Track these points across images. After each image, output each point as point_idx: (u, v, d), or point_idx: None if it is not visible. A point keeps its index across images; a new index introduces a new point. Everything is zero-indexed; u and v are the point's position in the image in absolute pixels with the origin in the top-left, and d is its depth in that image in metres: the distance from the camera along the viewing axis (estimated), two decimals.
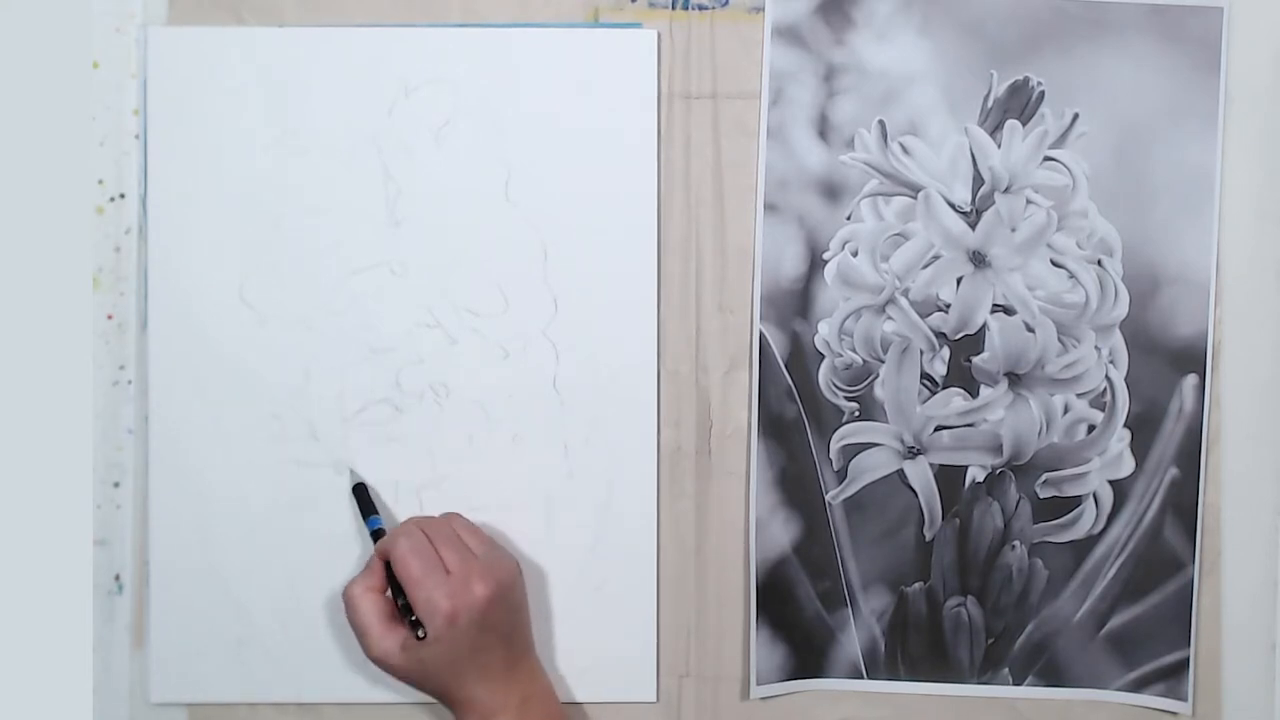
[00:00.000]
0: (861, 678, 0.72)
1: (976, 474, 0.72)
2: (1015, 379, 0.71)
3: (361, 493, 0.71)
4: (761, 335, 0.71)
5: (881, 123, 0.71)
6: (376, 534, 0.69)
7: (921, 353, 0.71)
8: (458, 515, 0.69)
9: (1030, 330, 0.71)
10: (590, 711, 0.72)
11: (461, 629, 0.63)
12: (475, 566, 0.64)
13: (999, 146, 0.71)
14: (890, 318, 0.71)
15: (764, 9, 0.71)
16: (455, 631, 0.63)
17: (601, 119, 0.71)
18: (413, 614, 0.64)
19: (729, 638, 0.72)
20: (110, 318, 0.72)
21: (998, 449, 0.71)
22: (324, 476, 0.71)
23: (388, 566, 0.66)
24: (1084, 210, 0.71)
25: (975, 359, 0.71)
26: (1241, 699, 0.72)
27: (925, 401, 0.71)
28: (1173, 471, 0.72)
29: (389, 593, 0.66)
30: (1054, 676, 0.72)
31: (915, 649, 0.72)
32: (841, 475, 0.71)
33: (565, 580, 0.71)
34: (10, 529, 0.57)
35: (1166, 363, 0.72)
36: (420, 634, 0.63)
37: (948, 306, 0.71)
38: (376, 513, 0.70)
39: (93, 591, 0.71)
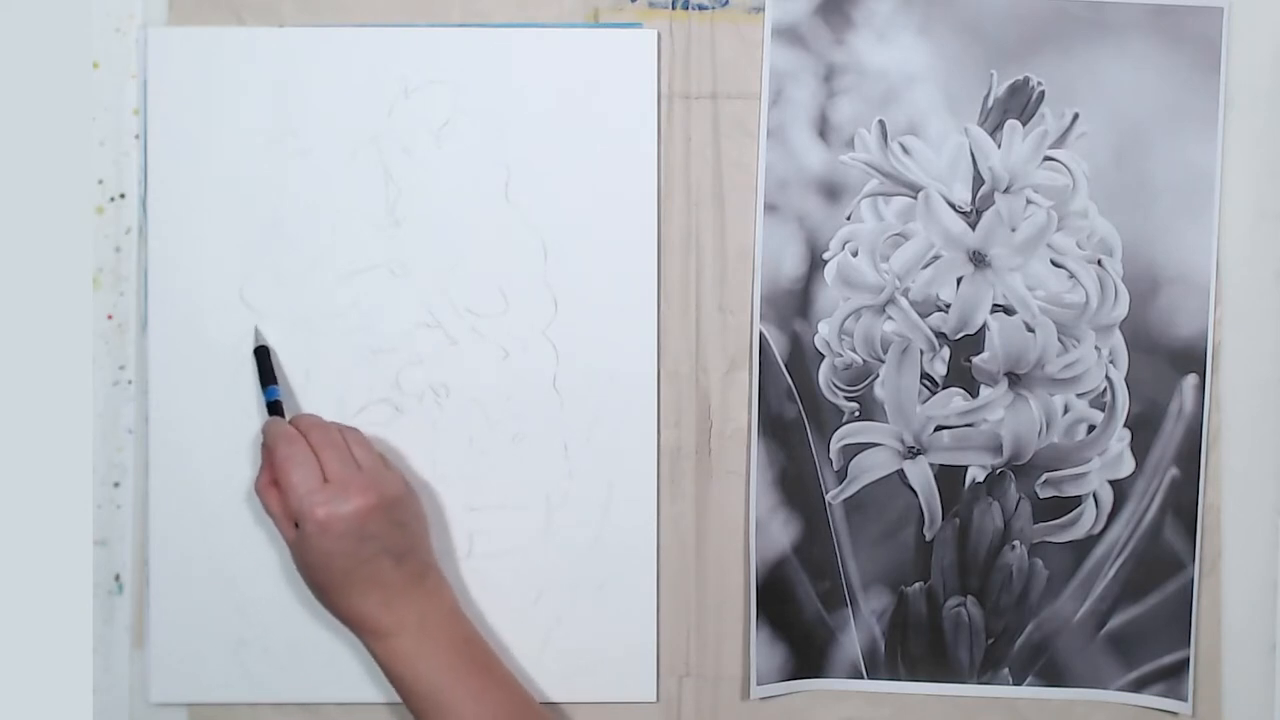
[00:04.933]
0: (861, 678, 0.72)
1: (976, 474, 0.72)
2: (1015, 379, 0.71)
3: (264, 357, 0.70)
4: (761, 335, 0.71)
5: (881, 123, 0.71)
6: (273, 405, 0.68)
7: (921, 353, 0.71)
8: (353, 429, 0.68)
9: (1030, 330, 0.71)
10: (590, 711, 0.72)
11: (337, 536, 0.63)
12: (356, 478, 0.64)
13: (999, 146, 0.71)
14: (890, 318, 0.71)
15: (764, 9, 0.71)
16: (330, 539, 0.63)
17: (601, 119, 0.71)
18: None
19: (729, 638, 0.72)
20: (110, 318, 0.72)
21: (998, 449, 0.71)
22: None
23: None
24: (1084, 210, 0.71)
25: (975, 359, 0.71)
26: (1241, 699, 0.72)
27: (925, 401, 0.71)
28: (1173, 471, 0.72)
29: None
30: (1054, 676, 0.72)
31: (915, 649, 0.72)
32: (841, 475, 0.71)
33: (565, 580, 0.71)
34: (10, 529, 0.57)
35: (1166, 363, 0.72)
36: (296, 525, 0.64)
37: (948, 306, 0.71)
38: (276, 381, 0.69)
39: (93, 591, 0.71)
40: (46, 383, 0.58)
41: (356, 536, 0.63)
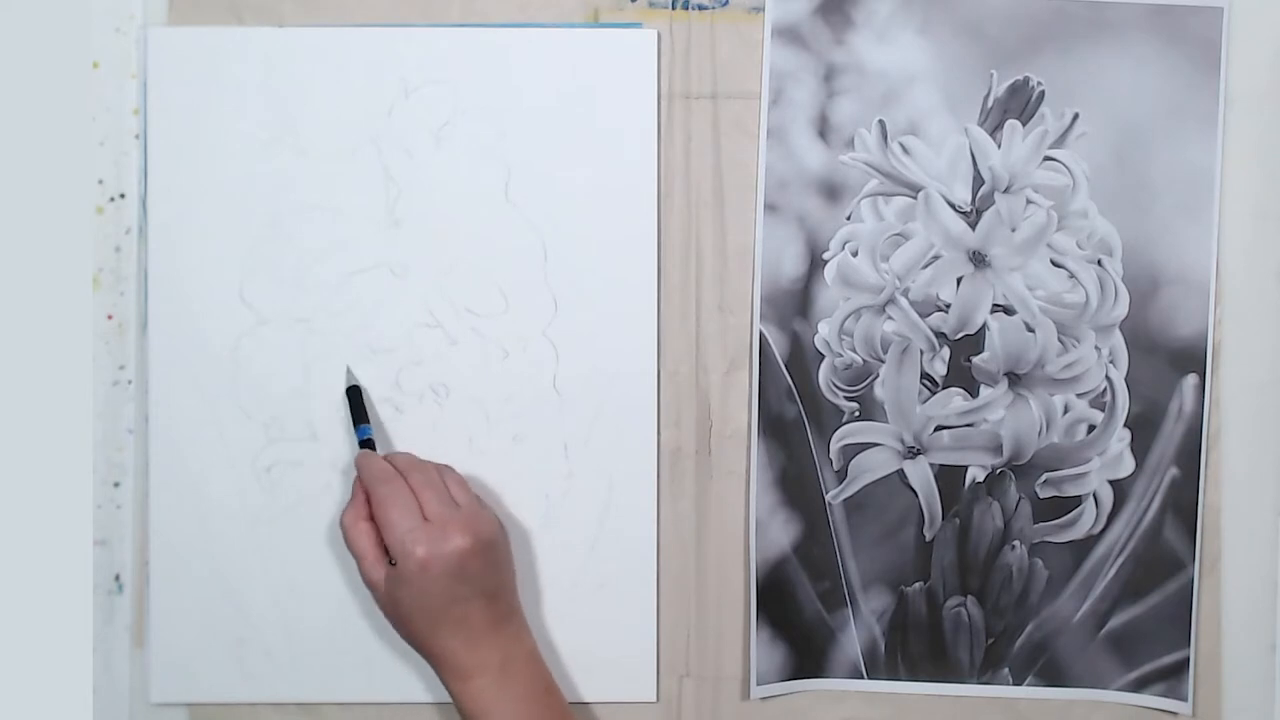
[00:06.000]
0: (861, 678, 0.72)
1: (976, 474, 0.72)
2: (1015, 379, 0.71)
3: (355, 397, 0.70)
4: (761, 335, 0.71)
5: (881, 123, 0.71)
6: (365, 443, 0.69)
7: (921, 353, 0.71)
8: (449, 467, 0.69)
9: (1030, 330, 0.71)
10: (590, 711, 0.72)
11: (435, 577, 0.63)
12: (455, 517, 0.64)
13: (999, 146, 0.71)
14: (890, 318, 0.71)
15: (764, 9, 0.71)
16: (428, 579, 0.63)
17: (601, 119, 0.71)
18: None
19: (729, 638, 0.72)
20: (110, 318, 0.72)
21: (998, 449, 0.71)
22: (324, 476, 0.71)
23: None
24: (1084, 210, 0.71)
25: (975, 359, 0.71)
26: (1241, 699, 0.72)
27: (925, 401, 0.71)
28: (1173, 471, 0.72)
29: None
30: (1054, 676, 0.72)
31: (915, 649, 0.72)
32: (841, 475, 0.71)
33: (565, 580, 0.71)
34: (10, 529, 0.57)
35: (1166, 363, 0.72)
36: (392, 562, 0.64)
37: (948, 306, 0.71)
38: (368, 420, 0.70)
39: (93, 591, 0.71)
40: (46, 383, 0.58)
41: (454, 577, 0.63)
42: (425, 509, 0.64)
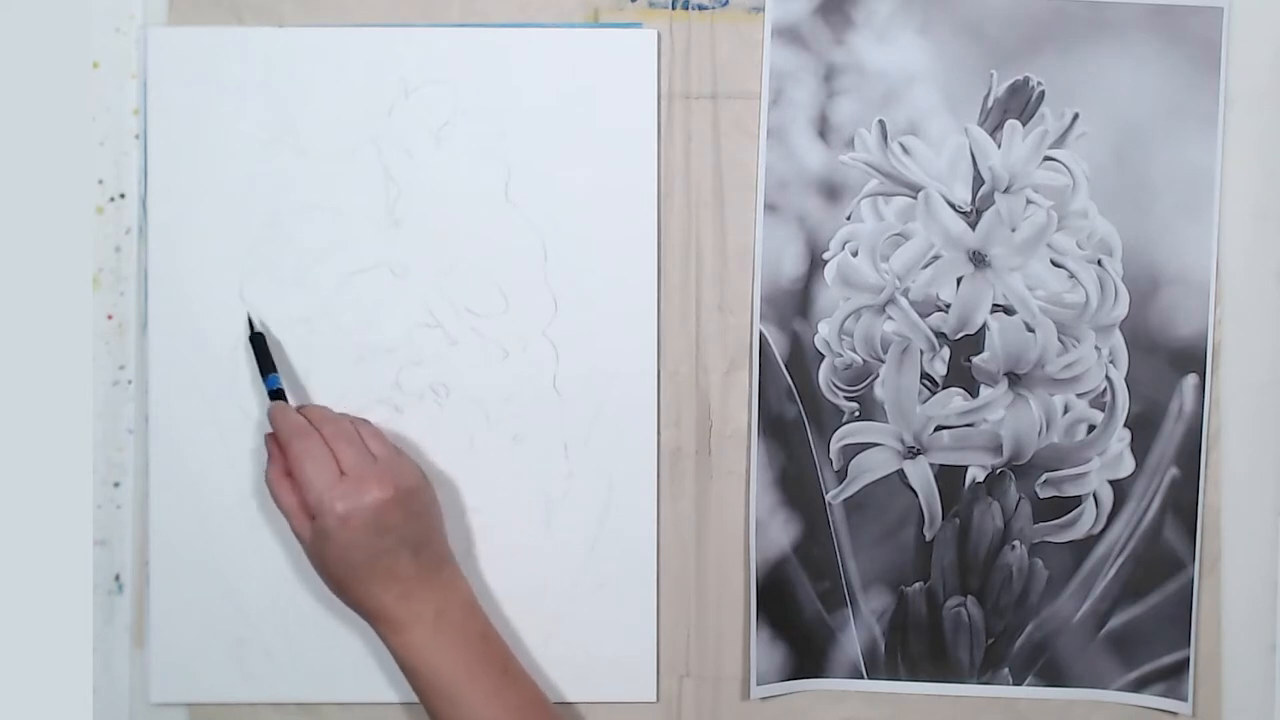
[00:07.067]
0: (861, 678, 0.72)
1: (976, 474, 0.72)
2: (1015, 379, 0.71)
3: (260, 344, 0.69)
4: (761, 335, 0.71)
5: (881, 123, 0.71)
6: (275, 393, 0.68)
7: (921, 353, 0.71)
8: (364, 420, 0.68)
9: (1030, 330, 0.71)
10: (590, 711, 0.72)
11: (356, 531, 0.63)
12: (371, 470, 0.64)
13: (999, 146, 0.71)
14: (890, 318, 0.71)
15: (764, 9, 0.71)
16: (350, 533, 0.62)
17: (601, 119, 0.71)
18: None
19: (729, 638, 0.72)
20: (110, 318, 0.72)
21: (998, 449, 0.71)
22: None
23: None
24: (1084, 210, 0.71)
25: (975, 359, 0.71)
26: (1241, 699, 0.72)
27: (925, 401, 0.71)
28: (1173, 471, 0.72)
29: None
30: (1054, 676, 0.72)
31: (915, 649, 0.72)
32: (841, 475, 0.71)
33: (565, 580, 0.71)
34: (10, 529, 0.57)
35: (1166, 363, 0.72)
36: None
37: (948, 306, 0.71)
38: (275, 369, 0.69)
39: (93, 591, 0.71)
40: (46, 383, 0.58)
41: (375, 529, 0.63)
42: (341, 463, 0.64)
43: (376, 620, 0.64)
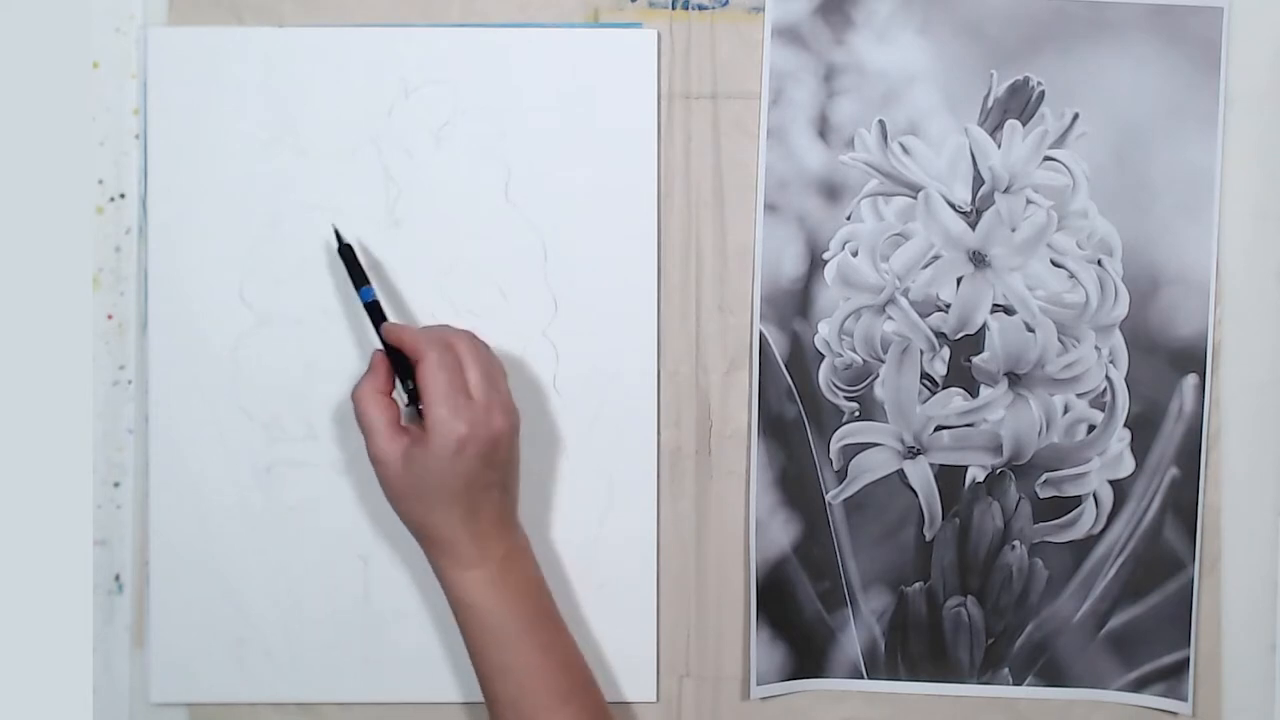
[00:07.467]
0: (861, 678, 0.72)
1: (976, 474, 0.72)
2: (1015, 379, 0.71)
3: (349, 256, 0.68)
4: (761, 335, 0.71)
5: (881, 123, 0.71)
6: (370, 307, 0.67)
7: (921, 353, 0.71)
8: (484, 342, 0.66)
9: (1030, 330, 0.71)
10: None
11: (468, 457, 0.61)
12: (497, 399, 0.63)
13: (999, 146, 0.71)
14: (890, 318, 0.71)
15: (764, 9, 0.71)
16: (460, 459, 0.61)
17: (601, 119, 0.71)
18: (420, 416, 0.62)
19: (729, 638, 0.72)
20: (110, 318, 0.72)
21: (998, 449, 0.71)
22: (324, 476, 0.71)
23: (396, 363, 0.64)
24: (1084, 210, 0.71)
25: (975, 359, 0.71)
26: (1241, 699, 0.72)
27: (925, 401, 0.71)
28: (1173, 471, 0.72)
29: (395, 394, 0.64)
30: (1054, 676, 0.72)
31: (915, 649, 0.72)
32: (841, 475, 0.71)
33: (565, 580, 0.71)
34: (10, 529, 0.57)
35: (1166, 363, 0.72)
36: (416, 408, 0.61)
37: (948, 306, 0.71)
38: (369, 282, 0.67)
39: (93, 591, 0.71)
40: (46, 383, 0.58)
41: (485, 460, 0.62)
42: (469, 384, 0.62)
43: (443, 551, 0.62)
